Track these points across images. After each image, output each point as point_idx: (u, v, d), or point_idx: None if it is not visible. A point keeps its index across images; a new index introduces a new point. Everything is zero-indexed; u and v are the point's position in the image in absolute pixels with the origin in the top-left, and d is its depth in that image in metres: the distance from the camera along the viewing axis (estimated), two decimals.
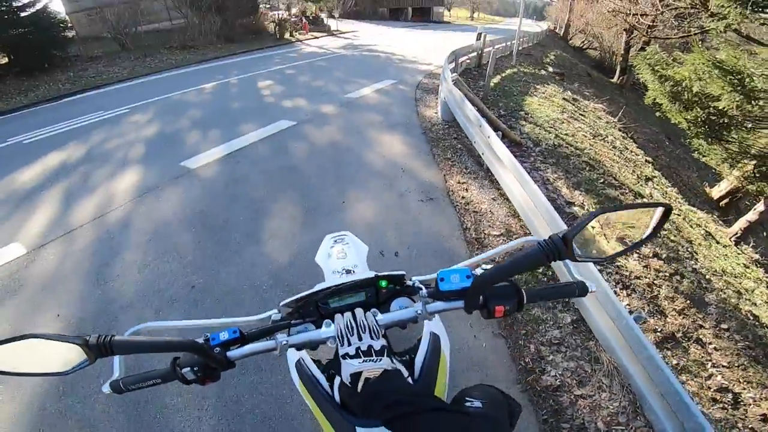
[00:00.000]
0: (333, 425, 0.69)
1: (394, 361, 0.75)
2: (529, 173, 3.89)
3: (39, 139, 6.27)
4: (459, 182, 4.05)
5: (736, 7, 4.89)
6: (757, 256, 5.26)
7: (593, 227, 0.62)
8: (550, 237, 0.62)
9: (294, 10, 23.71)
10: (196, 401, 1.98)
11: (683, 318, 2.70)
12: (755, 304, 3.46)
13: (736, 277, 4.03)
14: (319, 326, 0.74)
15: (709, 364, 2.42)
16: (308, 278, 2.71)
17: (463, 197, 3.77)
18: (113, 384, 0.68)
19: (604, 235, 0.67)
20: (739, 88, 4.95)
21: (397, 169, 4.31)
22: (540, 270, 2.78)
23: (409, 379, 0.72)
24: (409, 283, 0.81)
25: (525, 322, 2.41)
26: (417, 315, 0.74)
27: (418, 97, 7.27)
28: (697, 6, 6.96)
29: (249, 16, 19.92)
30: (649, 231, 0.64)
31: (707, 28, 7.07)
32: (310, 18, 23.74)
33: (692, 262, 3.58)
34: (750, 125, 5.65)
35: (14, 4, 13.43)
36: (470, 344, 2.24)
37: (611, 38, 21.29)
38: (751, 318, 3.10)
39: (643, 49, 12.88)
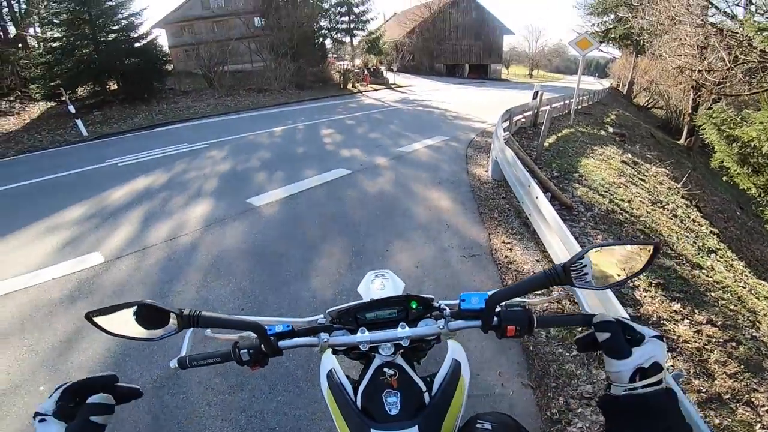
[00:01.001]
0: (350, 427, 0.78)
1: (414, 375, 0.86)
2: (578, 238, 3.89)
3: (131, 163, 7.27)
4: (503, 242, 4.09)
5: None
6: None
7: (593, 260, 0.73)
8: (553, 265, 0.74)
9: (357, 62, 25.49)
10: (222, 412, 2.16)
11: (734, 381, 2.57)
12: None
13: None
14: (355, 333, 0.87)
15: (758, 426, 2.28)
16: None
17: (506, 256, 3.81)
18: (181, 360, 0.80)
19: (603, 267, 0.78)
20: None
21: (441, 224, 4.46)
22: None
23: (426, 395, 0.81)
24: (436, 305, 0.92)
25: (557, 375, 2.40)
26: (439, 331, 0.85)
27: (470, 155, 7.47)
28: (767, 60, 6.64)
29: (318, 64, 21.75)
30: (639, 267, 0.73)
31: None
32: (371, 70, 25.32)
33: (753, 331, 3.35)
34: None
35: (132, 34, 15.18)
36: (497, 392, 2.27)
37: (678, 96, 20.43)
38: None
39: (711, 108, 12.32)
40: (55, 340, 2.75)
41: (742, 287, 4.60)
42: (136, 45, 15.34)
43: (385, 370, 0.84)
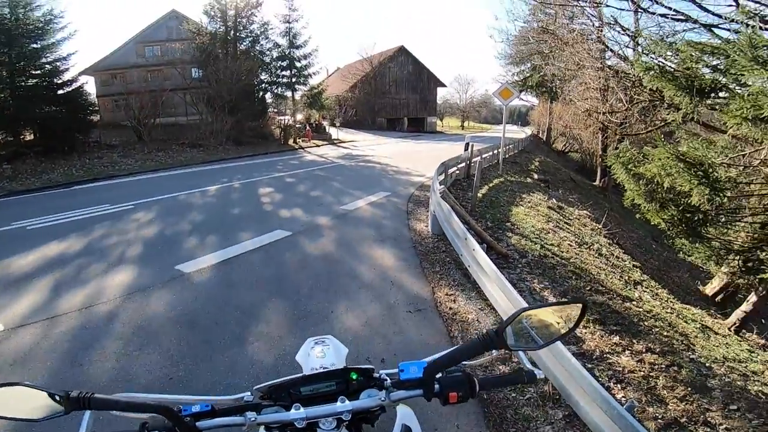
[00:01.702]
0: None
1: None
2: (515, 284, 4.06)
3: (42, 226, 6.49)
4: (447, 294, 4.15)
5: (685, 96, 4.90)
6: (762, 341, 5.17)
7: (525, 321, 0.75)
8: (486, 331, 0.74)
9: (299, 116, 25.83)
10: None
11: (686, 404, 2.69)
12: (766, 384, 3.38)
13: (740, 362, 3.96)
14: (288, 409, 0.77)
15: None
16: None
17: (450, 308, 3.87)
18: None
19: (536, 328, 0.79)
20: (704, 180, 4.79)
21: (386, 281, 4.42)
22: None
23: None
24: (377, 375, 0.87)
25: (514, 421, 2.39)
26: (381, 402, 0.80)
27: (410, 210, 7.66)
28: (657, 99, 7.06)
29: (258, 119, 21.57)
30: (570, 325, 0.75)
31: (668, 121, 7.26)
32: (314, 125, 25.63)
33: (689, 353, 3.61)
34: (723, 219, 5.65)
35: (55, 80, 13.77)
36: None
37: (589, 139, 22.10)
38: (763, 397, 3.04)
39: (617, 147, 13.66)
40: None
41: (670, 313, 5.00)
42: (60, 92, 14.08)
43: None
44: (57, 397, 0.65)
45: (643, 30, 7.91)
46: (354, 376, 0.86)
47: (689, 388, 2.90)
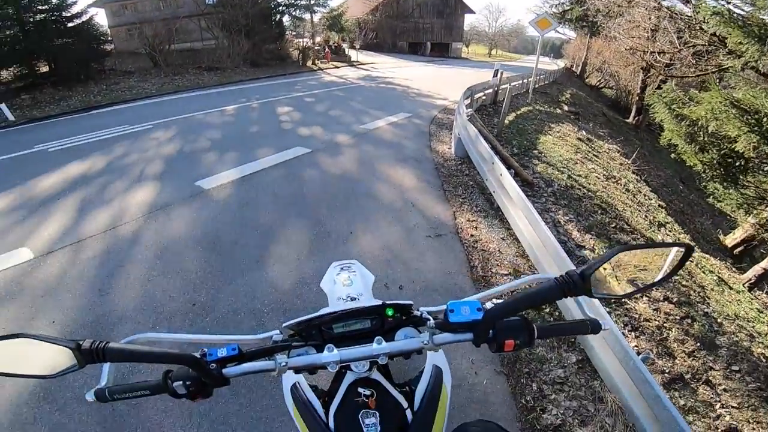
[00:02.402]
0: None
1: (393, 391, 0.74)
2: (539, 214, 3.90)
3: (64, 148, 6.53)
4: (468, 220, 4.04)
5: (753, 44, 4.79)
6: None
7: (610, 266, 0.63)
8: (567, 273, 0.62)
9: (318, 39, 24.58)
10: (181, 418, 1.94)
11: (693, 360, 2.67)
12: None
13: (749, 321, 3.93)
14: (320, 350, 0.72)
15: (718, 404, 2.39)
16: (310, 305, 2.72)
17: (471, 235, 3.76)
18: (98, 392, 0.66)
19: (622, 273, 0.68)
20: (756, 128, 4.77)
21: (406, 203, 4.33)
22: (546, 310, 2.76)
23: (408, 411, 0.72)
24: (417, 313, 0.80)
25: (528, 360, 2.38)
26: (423, 346, 0.72)
27: (432, 132, 7.36)
28: (715, 44, 6.86)
29: (275, 42, 20.71)
30: (667, 271, 0.65)
31: (725, 66, 6.99)
32: (333, 47, 24.55)
33: (704, 307, 3.53)
34: (767, 168, 5.51)
35: (64, 14, 13.88)
36: (471, 380, 2.21)
37: (628, 77, 21.23)
38: (764, 360, 3.03)
39: (659, 87, 12.81)
40: None
41: (690, 261, 4.85)
42: (70, 25, 14.06)
43: (360, 390, 0.72)
44: (67, 349, 0.56)
45: None
46: (390, 313, 0.78)
47: (698, 344, 2.84)
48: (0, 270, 3.14)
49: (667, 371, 2.50)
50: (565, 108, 13.19)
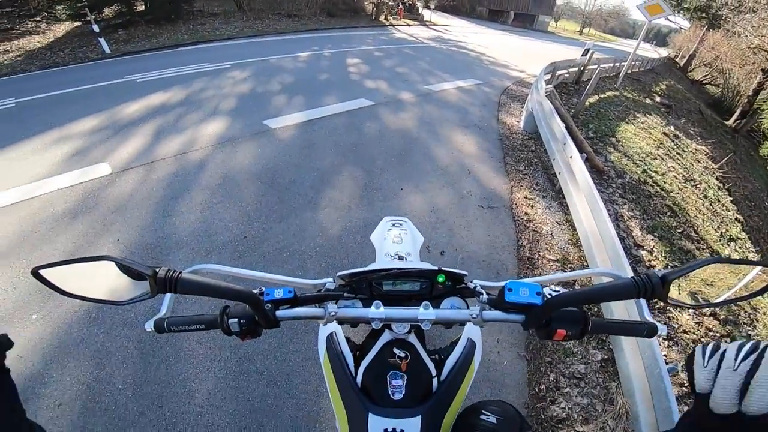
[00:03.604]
0: (346, 406, 0.69)
1: (426, 357, 0.75)
2: (604, 204, 3.66)
3: (150, 80, 7.01)
4: (525, 197, 3.87)
5: None
6: None
7: (699, 273, 0.59)
8: (646, 273, 0.58)
9: None
10: (212, 350, 2.08)
11: None
12: None
13: None
14: (368, 305, 0.72)
15: None
16: (353, 254, 2.78)
17: (526, 213, 3.61)
18: (158, 322, 0.67)
19: (705, 282, 0.63)
20: None
21: (463, 169, 4.22)
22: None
23: (435, 379, 0.72)
24: (470, 285, 0.78)
25: (553, 351, 2.32)
26: (471, 318, 0.71)
27: (502, 103, 7.00)
28: None
29: None
30: (752, 291, 0.60)
31: None
32: (406, 4, 23.70)
33: (749, 329, 3.25)
34: None
35: None
36: (492, 359, 2.20)
37: (741, 77, 19.23)
38: None
39: None
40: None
41: None
42: None
43: (396, 351, 0.73)
44: (144, 276, 0.57)
45: None
46: (442, 280, 0.75)
47: None
48: (81, 182, 3.49)
49: (686, 385, 2.36)
50: (657, 99, 11.90)
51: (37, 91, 6.32)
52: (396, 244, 1.21)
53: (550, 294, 0.67)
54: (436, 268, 0.76)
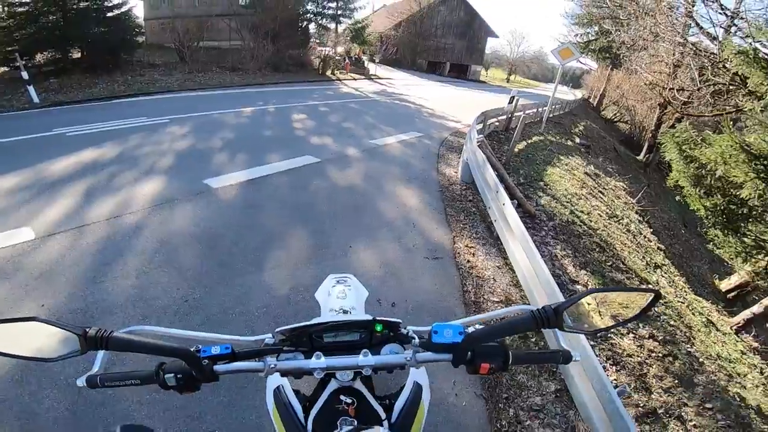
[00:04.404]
0: None
1: (374, 402, 0.78)
2: (538, 247, 3.94)
3: (81, 134, 6.68)
4: (467, 246, 4.09)
5: None
6: (756, 344, 5.14)
7: (587, 303, 0.69)
8: (543, 307, 0.68)
9: (340, 49, 25.01)
10: (156, 410, 1.97)
11: (668, 396, 2.74)
12: (744, 387, 3.44)
13: (730, 362, 3.98)
14: (309, 357, 0.75)
15: None
16: (302, 313, 2.77)
17: (468, 261, 3.81)
18: (90, 378, 0.68)
19: (596, 311, 0.74)
20: (763, 175, 4.71)
21: (408, 223, 4.38)
22: (532, 339, 2.83)
23: (386, 422, 0.75)
24: (404, 331, 0.83)
25: (509, 386, 2.43)
26: (405, 362, 0.76)
27: (441, 154, 7.43)
28: (736, 83, 6.82)
29: (299, 48, 21.06)
30: (635, 313, 0.70)
31: (743, 107, 6.93)
32: (353, 59, 24.92)
33: (688, 346, 3.58)
34: None
35: (105, 3, 13.96)
36: (450, 401, 2.26)
37: (644, 112, 21.33)
38: (738, 399, 3.09)
39: (673, 126, 12.71)
40: None
41: (681, 302, 4.90)
42: (109, 14, 14.27)
43: (342, 398, 0.76)
44: (74, 335, 0.60)
45: (745, 12, 7.12)
46: (379, 329, 0.82)
47: (676, 381, 2.92)
48: (0, 248, 3.19)
49: (641, 405, 2.56)
50: (577, 140, 13.24)
51: None
52: (340, 299, 1.25)
53: (470, 332, 0.74)
54: (371, 318, 0.82)
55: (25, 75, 9.89)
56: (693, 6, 8.89)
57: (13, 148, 5.76)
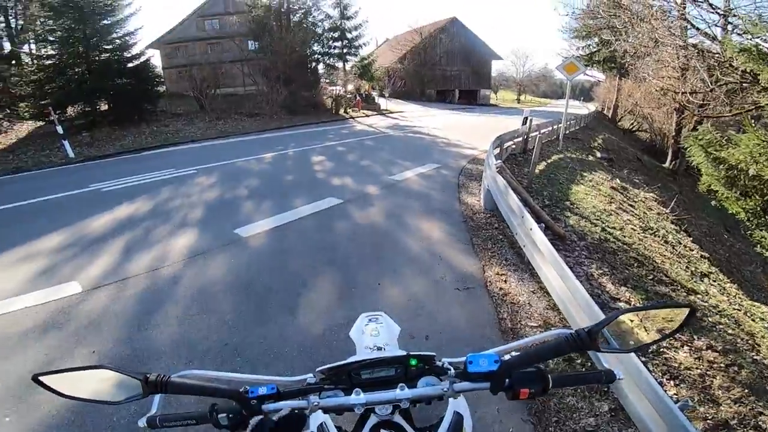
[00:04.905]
0: None
1: None
2: (572, 268, 3.85)
3: (115, 188, 7.12)
4: (498, 273, 4.01)
5: None
6: None
7: (629, 321, 0.70)
8: (576, 330, 0.69)
9: (350, 87, 25.93)
10: None
11: (740, 406, 2.56)
12: None
13: None
14: (349, 394, 0.79)
15: None
16: (337, 351, 2.78)
17: (501, 288, 3.73)
18: (150, 419, 0.74)
19: (639, 328, 0.74)
20: None
21: (434, 256, 4.36)
22: (578, 360, 2.74)
23: None
24: (438, 363, 0.86)
25: (558, 409, 2.33)
26: (443, 392, 0.79)
27: (461, 183, 7.43)
28: (749, 80, 6.58)
29: (311, 89, 21.97)
30: (672, 329, 0.71)
31: (761, 104, 6.73)
32: (363, 95, 25.71)
33: (753, 354, 3.35)
34: None
35: (125, 54, 15.02)
36: (496, 428, 2.19)
37: (661, 119, 20.80)
38: None
39: (695, 129, 12.40)
40: (24, 370, 2.57)
41: (738, 310, 4.63)
42: (129, 65, 15.21)
43: (383, 431, 0.79)
44: (136, 380, 0.66)
45: (736, 9, 7.04)
46: (414, 363, 0.85)
47: (746, 390, 2.73)
48: (52, 300, 3.44)
49: (710, 418, 2.41)
50: (598, 155, 13.06)
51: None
52: (374, 337, 1.28)
53: (506, 359, 0.76)
54: (405, 353, 0.86)
55: (59, 129, 10.58)
56: (684, 8, 8.74)
57: (57, 206, 6.21)
